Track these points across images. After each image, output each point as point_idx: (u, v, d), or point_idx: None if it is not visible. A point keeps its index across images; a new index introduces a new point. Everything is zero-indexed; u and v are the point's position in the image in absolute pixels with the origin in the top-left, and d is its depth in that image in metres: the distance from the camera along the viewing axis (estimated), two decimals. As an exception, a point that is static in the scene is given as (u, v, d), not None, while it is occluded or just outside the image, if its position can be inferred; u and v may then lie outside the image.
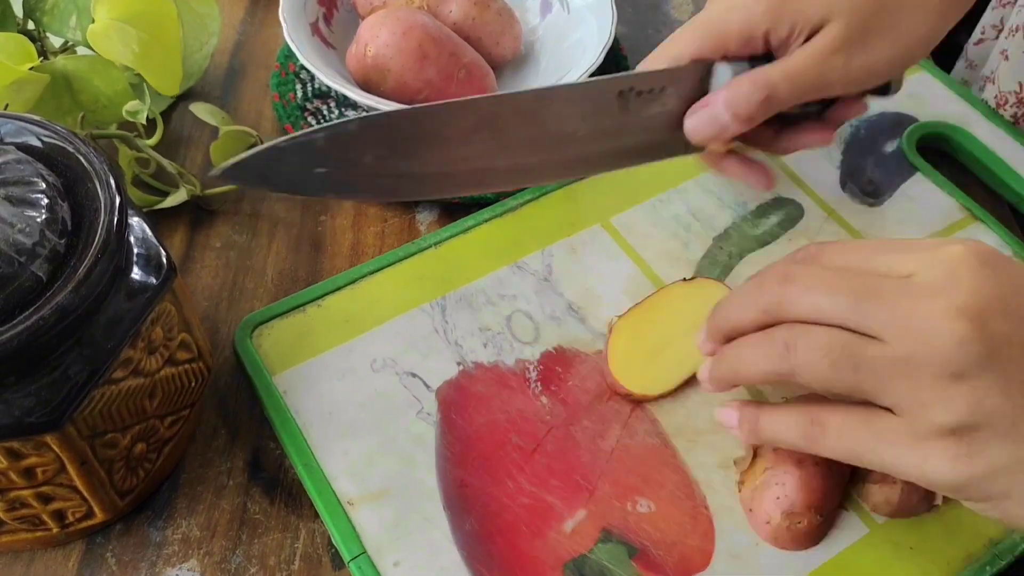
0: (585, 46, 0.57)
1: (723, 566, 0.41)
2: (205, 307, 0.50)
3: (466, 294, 0.49)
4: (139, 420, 0.39)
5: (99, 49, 0.51)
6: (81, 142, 0.38)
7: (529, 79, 0.59)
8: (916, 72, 0.61)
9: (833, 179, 0.56)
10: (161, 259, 0.39)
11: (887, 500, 0.42)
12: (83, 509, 0.40)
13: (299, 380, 0.46)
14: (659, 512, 0.42)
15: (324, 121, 0.57)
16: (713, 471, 0.44)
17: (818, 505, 0.41)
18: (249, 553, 0.42)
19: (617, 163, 0.47)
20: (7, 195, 0.35)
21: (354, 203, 0.55)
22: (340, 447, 0.44)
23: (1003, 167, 0.57)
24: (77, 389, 0.35)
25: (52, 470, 0.37)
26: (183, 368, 0.41)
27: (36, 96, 0.50)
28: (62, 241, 0.35)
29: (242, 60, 0.63)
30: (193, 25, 0.59)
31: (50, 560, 0.41)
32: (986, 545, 0.42)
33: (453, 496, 0.42)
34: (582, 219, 0.53)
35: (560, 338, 0.48)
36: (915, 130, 0.58)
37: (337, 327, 0.47)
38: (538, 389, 0.46)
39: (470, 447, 0.44)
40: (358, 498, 0.42)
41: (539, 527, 0.42)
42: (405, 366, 0.46)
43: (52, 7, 0.54)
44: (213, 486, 0.44)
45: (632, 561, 0.41)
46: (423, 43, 0.52)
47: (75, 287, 0.34)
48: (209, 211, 0.54)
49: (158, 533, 0.42)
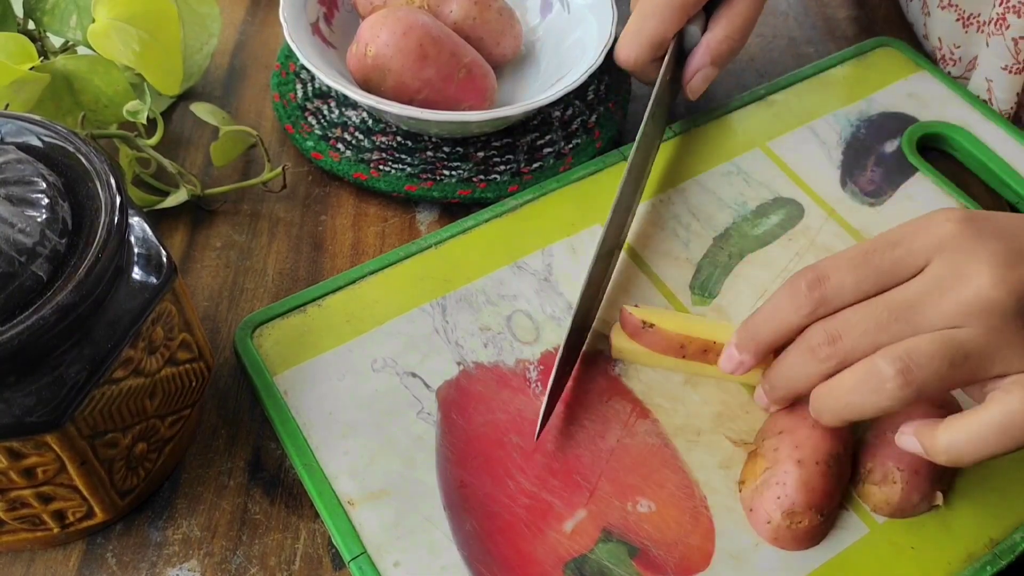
0: (585, 46, 0.57)
1: (723, 566, 0.41)
2: (205, 307, 0.50)
3: (466, 294, 0.49)
4: (139, 420, 0.39)
5: (99, 49, 0.51)
6: (82, 142, 0.38)
7: (529, 79, 0.59)
8: (916, 72, 0.62)
9: (833, 179, 0.56)
10: (161, 259, 0.39)
11: (887, 500, 0.42)
12: (83, 509, 0.40)
13: (299, 380, 0.46)
14: (659, 512, 0.42)
15: (324, 121, 0.57)
16: (713, 471, 0.44)
17: (818, 505, 0.41)
18: (249, 553, 0.42)
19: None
20: (7, 195, 0.35)
21: (354, 203, 0.55)
22: (340, 447, 0.44)
23: (1003, 167, 0.57)
24: (77, 389, 0.35)
25: (52, 470, 0.37)
26: (183, 368, 0.41)
27: (36, 96, 0.50)
28: (62, 241, 0.35)
29: (242, 60, 0.63)
30: (193, 25, 0.59)
31: (50, 560, 0.41)
32: (986, 545, 0.42)
33: (453, 496, 0.42)
34: (582, 219, 0.53)
35: (560, 338, 0.48)
36: (915, 130, 0.58)
37: (337, 327, 0.48)
38: (538, 389, 0.46)
39: (470, 447, 0.44)
40: (358, 498, 0.42)
41: (539, 527, 0.42)
42: (405, 366, 0.46)
43: (52, 7, 0.54)
44: (213, 486, 0.44)
45: (632, 561, 0.41)
46: (423, 43, 0.52)
47: (75, 287, 0.34)
48: (209, 211, 0.54)
49: (158, 533, 0.42)
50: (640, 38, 0.53)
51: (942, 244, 0.38)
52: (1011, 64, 0.58)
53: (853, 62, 0.62)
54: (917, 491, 0.42)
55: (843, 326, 0.38)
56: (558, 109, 0.59)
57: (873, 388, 0.37)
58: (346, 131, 0.57)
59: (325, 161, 0.56)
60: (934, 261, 0.38)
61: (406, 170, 0.55)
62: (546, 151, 0.57)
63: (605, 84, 0.61)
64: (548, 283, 0.50)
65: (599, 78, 0.61)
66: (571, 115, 0.59)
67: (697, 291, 0.50)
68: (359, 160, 0.55)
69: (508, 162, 0.56)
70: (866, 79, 0.61)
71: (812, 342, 0.39)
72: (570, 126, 0.58)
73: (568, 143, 0.57)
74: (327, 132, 0.57)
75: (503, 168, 0.56)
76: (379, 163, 0.55)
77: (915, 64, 0.62)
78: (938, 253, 0.38)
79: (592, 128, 0.58)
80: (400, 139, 0.57)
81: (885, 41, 0.63)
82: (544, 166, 0.56)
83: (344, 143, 0.56)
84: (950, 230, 0.38)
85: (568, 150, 0.57)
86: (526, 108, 0.52)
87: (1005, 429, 0.35)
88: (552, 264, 0.51)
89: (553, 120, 0.58)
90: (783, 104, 0.59)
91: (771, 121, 0.58)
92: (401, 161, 0.55)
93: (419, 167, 0.55)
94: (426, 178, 0.55)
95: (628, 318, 0.46)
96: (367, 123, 0.57)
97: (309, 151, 0.56)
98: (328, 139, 0.56)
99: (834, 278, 0.39)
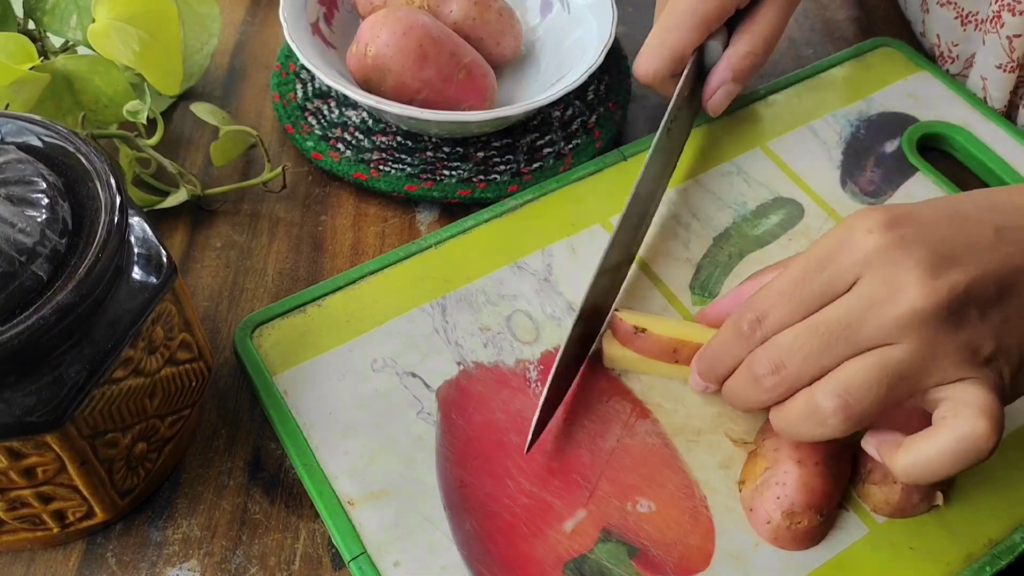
0: (585, 46, 0.57)
1: (723, 566, 0.41)
2: (205, 307, 0.50)
3: (466, 294, 0.49)
4: (139, 420, 0.39)
5: (99, 49, 0.51)
6: (82, 142, 0.38)
7: (529, 79, 0.59)
8: (916, 72, 0.62)
9: (833, 179, 0.56)
10: (161, 259, 0.39)
11: (887, 500, 0.42)
12: (83, 509, 0.40)
13: (299, 380, 0.46)
14: (659, 512, 0.42)
15: (324, 121, 0.57)
16: (713, 471, 0.44)
17: (818, 505, 0.41)
18: (249, 553, 0.42)
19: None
20: (8, 195, 0.35)
21: (354, 203, 0.55)
22: (340, 447, 0.44)
23: (1003, 167, 0.57)
24: (77, 389, 0.35)
25: (52, 470, 0.37)
26: (183, 368, 0.41)
27: (36, 96, 0.50)
28: (63, 241, 0.35)
29: (242, 60, 0.63)
30: (194, 25, 0.59)
31: (50, 560, 0.41)
32: (986, 545, 0.42)
33: (453, 496, 0.42)
34: (582, 219, 0.53)
35: (560, 338, 0.48)
36: (915, 130, 0.58)
37: (337, 327, 0.48)
38: (538, 389, 0.46)
39: (470, 447, 0.44)
40: (358, 498, 0.42)
41: (539, 527, 0.42)
42: (405, 366, 0.46)
43: (52, 7, 0.54)
44: (213, 486, 0.44)
45: (632, 561, 0.41)
46: (423, 43, 0.52)
47: (75, 286, 0.34)
48: (209, 211, 0.54)
49: (158, 533, 0.42)
50: (662, 51, 0.52)
51: (868, 260, 0.38)
52: (1005, 62, 0.58)
53: (853, 62, 0.62)
54: (917, 491, 0.42)
55: (786, 354, 0.39)
56: (558, 109, 0.59)
57: (818, 423, 0.38)
58: (346, 131, 0.57)
59: (325, 161, 0.56)
60: (864, 277, 0.38)
61: (406, 170, 0.55)
62: (546, 151, 0.57)
63: (605, 84, 0.61)
64: (548, 283, 0.50)
65: (599, 78, 0.61)
66: (571, 115, 0.59)
67: (697, 291, 0.50)
68: (359, 160, 0.55)
69: (508, 162, 0.56)
70: (866, 79, 0.61)
71: (757, 371, 0.39)
72: (570, 126, 0.58)
73: (568, 143, 0.57)
74: (327, 132, 0.57)
75: (503, 168, 0.56)
76: (379, 163, 0.55)
77: (915, 64, 0.62)
78: (866, 269, 0.38)
79: (592, 128, 0.58)
80: (400, 139, 0.57)
81: (884, 41, 0.63)
82: (544, 166, 0.56)
83: (344, 143, 0.56)
84: (874, 243, 0.38)
85: (568, 150, 0.57)
86: (526, 108, 0.52)
87: (958, 455, 0.36)
88: (552, 264, 0.51)
89: (553, 120, 0.58)
90: (783, 104, 0.59)
91: (771, 121, 0.58)
92: (401, 161, 0.55)
93: (419, 167, 0.55)
94: (426, 178, 0.55)
95: (620, 324, 0.46)
96: (367, 123, 0.57)
97: (309, 151, 0.56)
98: (328, 139, 0.56)
99: (772, 316, 0.40)
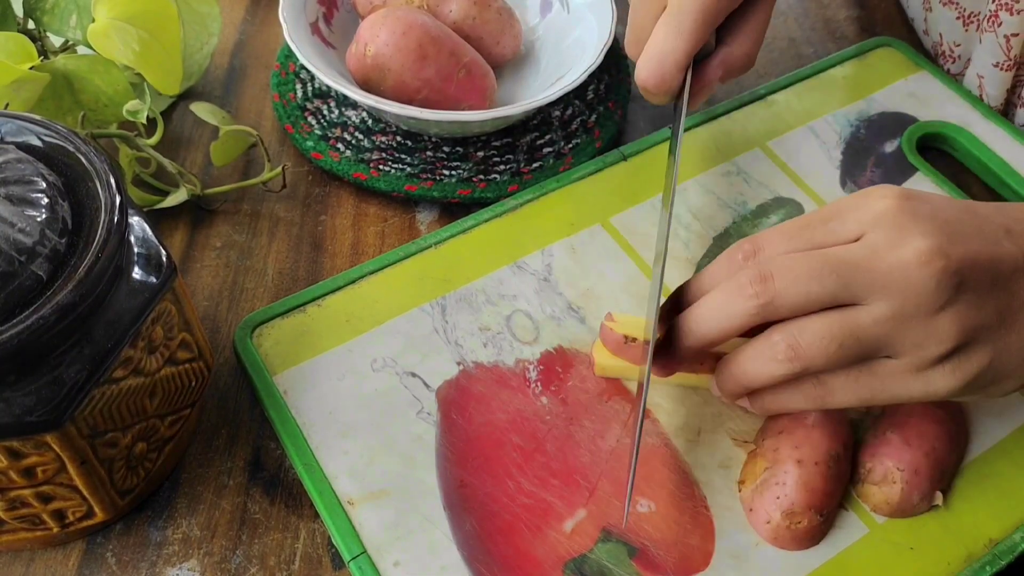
0: (585, 45, 0.57)
1: (723, 566, 0.41)
2: (205, 307, 0.50)
3: (466, 294, 0.49)
4: (139, 419, 0.39)
5: (99, 48, 0.51)
6: (82, 141, 0.38)
7: (529, 79, 0.59)
8: (916, 72, 0.62)
9: (833, 179, 0.56)
10: (161, 258, 0.39)
11: (887, 500, 0.42)
12: (83, 509, 0.40)
13: (299, 380, 0.46)
14: (659, 512, 0.42)
15: (324, 121, 0.57)
16: (713, 471, 0.44)
17: (818, 505, 0.41)
18: (249, 553, 0.42)
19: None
20: (7, 194, 0.35)
21: (354, 203, 0.55)
22: (340, 447, 0.44)
23: (1003, 167, 0.57)
24: (77, 388, 0.35)
25: (52, 469, 0.37)
26: (183, 368, 0.41)
27: (36, 95, 0.50)
28: (62, 240, 0.35)
29: (242, 60, 0.63)
30: (193, 25, 0.59)
31: (50, 560, 0.41)
32: (986, 545, 0.42)
33: (453, 496, 0.42)
34: (582, 219, 0.53)
35: (560, 338, 0.48)
36: (915, 130, 0.58)
37: (337, 327, 0.48)
38: (538, 389, 0.46)
39: (470, 447, 0.44)
40: (358, 498, 0.42)
41: (539, 527, 0.42)
42: (405, 366, 0.46)
43: (52, 6, 0.54)
44: (213, 486, 0.44)
45: (632, 561, 0.41)
46: (423, 43, 0.52)
47: (75, 286, 0.34)
48: (209, 211, 0.54)
49: (158, 533, 0.42)
50: (675, 58, 0.47)
51: (877, 219, 0.38)
52: (1002, 61, 0.58)
53: (853, 62, 0.62)
54: (917, 491, 0.42)
55: (776, 268, 0.38)
56: (558, 109, 0.59)
57: (768, 358, 0.39)
58: (346, 131, 0.57)
59: (325, 161, 0.56)
60: (868, 233, 0.38)
61: (406, 170, 0.55)
62: (546, 151, 0.57)
63: (605, 84, 0.61)
64: (548, 283, 0.50)
65: (599, 78, 0.61)
66: (571, 115, 0.59)
67: (697, 291, 0.50)
68: (359, 160, 0.55)
69: (508, 162, 0.56)
70: (866, 79, 0.61)
71: (742, 279, 0.39)
72: (570, 126, 0.58)
73: (568, 143, 0.57)
74: (327, 132, 0.57)
75: (503, 168, 0.56)
76: (379, 163, 0.55)
77: (915, 64, 0.62)
78: (872, 227, 0.38)
79: (592, 128, 0.58)
80: (400, 139, 0.57)
81: (885, 41, 0.63)
82: (544, 166, 0.56)
83: (344, 143, 0.56)
84: (887, 206, 0.39)
85: (568, 150, 0.57)
86: (526, 108, 0.52)
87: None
88: (552, 264, 0.51)
89: (553, 120, 0.58)
90: (783, 104, 0.60)
91: (771, 121, 0.58)
92: (401, 161, 0.55)
93: (419, 167, 0.55)
94: (426, 178, 0.55)
95: (609, 334, 0.45)
96: (367, 123, 0.57)
97: (309, 151, 0.56)
98: (328, 139, 0.56)
99: (768, 249, 0.40)
